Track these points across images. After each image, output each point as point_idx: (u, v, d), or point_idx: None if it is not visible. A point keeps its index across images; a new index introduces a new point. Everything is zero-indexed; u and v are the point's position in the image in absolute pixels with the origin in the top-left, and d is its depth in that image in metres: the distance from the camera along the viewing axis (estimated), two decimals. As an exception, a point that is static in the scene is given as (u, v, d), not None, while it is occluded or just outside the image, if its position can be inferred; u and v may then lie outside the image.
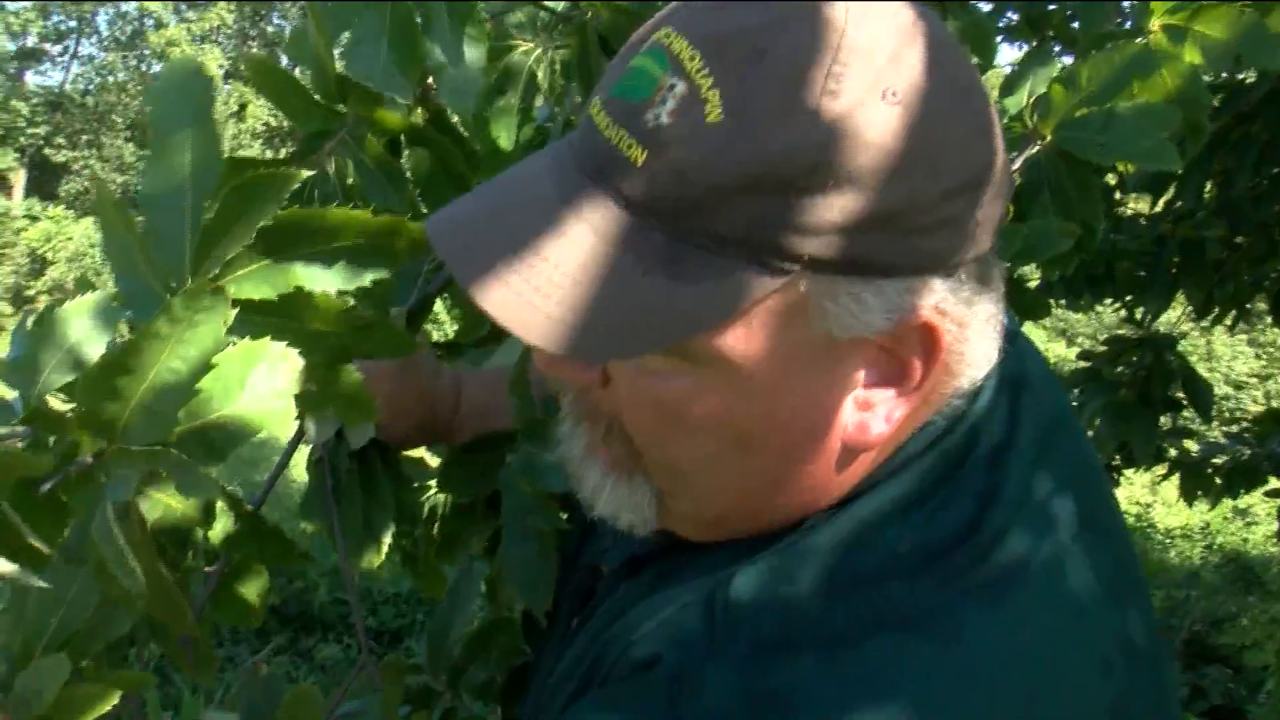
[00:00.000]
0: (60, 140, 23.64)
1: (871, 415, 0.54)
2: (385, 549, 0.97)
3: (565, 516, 0.86)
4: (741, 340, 0.50)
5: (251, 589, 0.89)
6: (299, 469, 1.10)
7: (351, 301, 0.66)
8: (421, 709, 0.96)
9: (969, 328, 0.53)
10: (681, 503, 0.58)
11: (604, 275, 0.48)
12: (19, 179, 23.18)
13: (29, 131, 23.34)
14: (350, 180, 0.96)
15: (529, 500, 0.85)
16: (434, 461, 1.09)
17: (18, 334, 0.66)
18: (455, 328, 1.21)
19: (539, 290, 0.48)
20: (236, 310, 0.58)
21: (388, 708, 0.93)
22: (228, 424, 0.61)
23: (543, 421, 0.84)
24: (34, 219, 21.49)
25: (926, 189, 0.47)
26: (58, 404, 0.62)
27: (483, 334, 1.19)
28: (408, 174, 1.00)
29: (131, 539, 0.57)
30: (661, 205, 0.48)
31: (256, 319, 0.64)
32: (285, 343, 0.62)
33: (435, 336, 1.22)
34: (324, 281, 0.64)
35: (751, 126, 0.46)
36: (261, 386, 0.64)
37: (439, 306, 1.18)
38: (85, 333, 0.63)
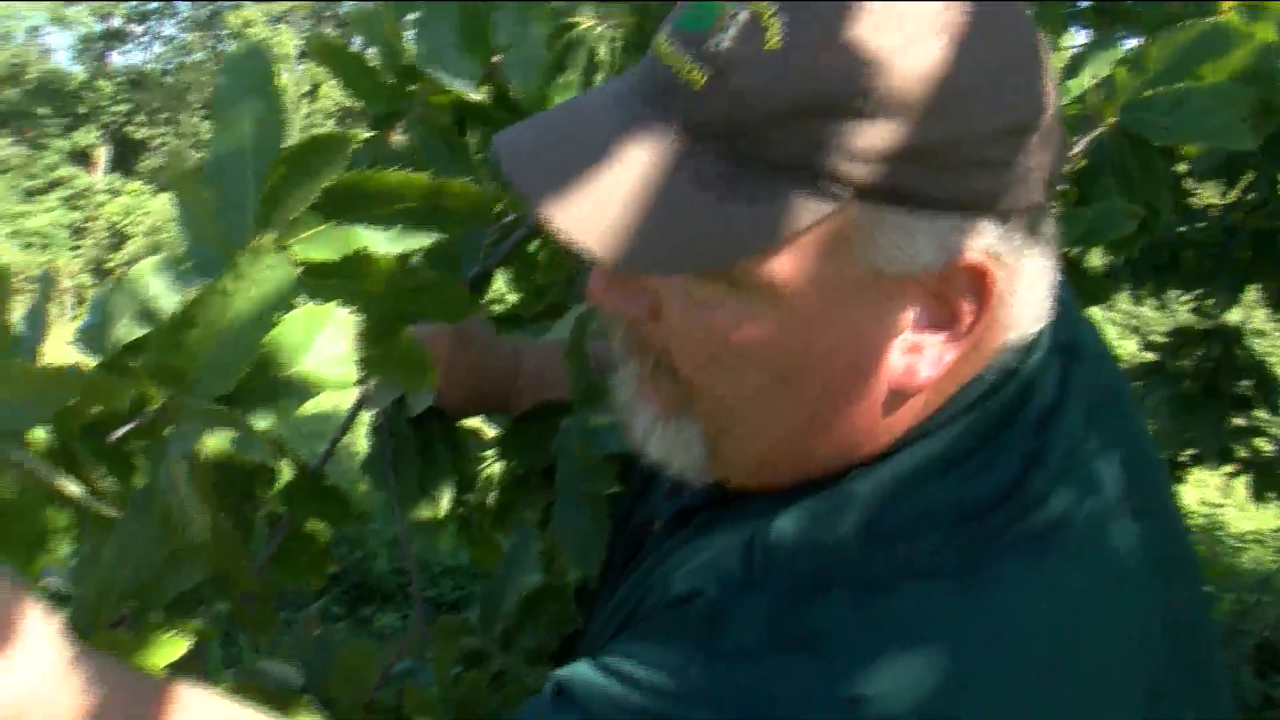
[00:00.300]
0: (140, 118, 24.25)
1: (920, 359, 0.54)
2: (443, 507, 0.99)
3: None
4: (789, 267, 0.51)
5: (313, 549, 0.92)
6: (359, 442, 1.12)
7: (412, 264, 0.68)
8: (473, 669, 0.98)
9: (1019, 278, 0.53)
10: (726, 441, 0.59)
11: (660, 195, 0.50)
12: (101, 156, 23.85)
13: (111, 109, 23.99)
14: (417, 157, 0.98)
15: (584, 464, 0.87)
16: (490, 433, 1.11)
17: (94, 303, 0.69)
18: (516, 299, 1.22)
19: (596, 208, 0.51)
20: (301, 270, 0.60)
21: (441, 667, 0.96)
22: (293, 380, 0.63)
23: (598, 387, 0.85)
24: (114, 194, 22.13)
25: (973, 126, 0.49)
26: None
27: (540, 309, 1.21)
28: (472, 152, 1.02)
29: (194, 487, 0.59)
30: (719, 128, 0.50)
31: (314, 281, 0.66)
32: (343, 303, 0.64)
33: (496, 310, 1.23)
34: (383, 244, 0.66)
35: (808, 52, 0.48)
36: (326, 349, 0.66)
37: (500, 282, 1.20)
38: (155, 289, 0.66)
